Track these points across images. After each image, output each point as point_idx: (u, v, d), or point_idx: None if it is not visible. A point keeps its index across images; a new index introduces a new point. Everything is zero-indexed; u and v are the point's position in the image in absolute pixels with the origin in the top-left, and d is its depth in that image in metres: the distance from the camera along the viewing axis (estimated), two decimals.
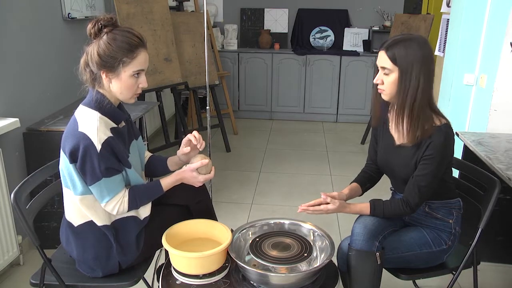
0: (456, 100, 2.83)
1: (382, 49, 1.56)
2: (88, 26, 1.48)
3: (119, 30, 1.48)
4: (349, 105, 5.36)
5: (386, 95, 1.59)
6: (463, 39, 2.73)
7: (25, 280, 2.20)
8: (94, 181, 1.47)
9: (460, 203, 1.72)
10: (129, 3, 3.43)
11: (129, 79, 1.50)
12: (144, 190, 1.59)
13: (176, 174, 1.65)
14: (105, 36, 1.47)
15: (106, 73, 1.49)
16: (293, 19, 5.55)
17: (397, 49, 1.51)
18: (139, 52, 1.49)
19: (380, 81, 1.58)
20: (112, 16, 1.49)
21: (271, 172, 3.88)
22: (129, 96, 1.55)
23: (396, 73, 1.53)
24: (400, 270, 1.69)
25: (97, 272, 1.59)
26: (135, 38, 1.49)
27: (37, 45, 2.65)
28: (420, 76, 1.50)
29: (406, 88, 1.52)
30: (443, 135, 1.53)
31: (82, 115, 1.51)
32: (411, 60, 1.50)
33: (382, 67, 1.57)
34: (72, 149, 1.45)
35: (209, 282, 1.50)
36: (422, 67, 1.50)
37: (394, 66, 1.52)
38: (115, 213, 1.54)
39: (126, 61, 1.47)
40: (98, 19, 1.47)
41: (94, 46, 1.48)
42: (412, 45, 1.50)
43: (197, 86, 4.22)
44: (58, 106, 2.85)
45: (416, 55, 1.49)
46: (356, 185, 1.82)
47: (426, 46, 1.52)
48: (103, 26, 1.47)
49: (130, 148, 1.62)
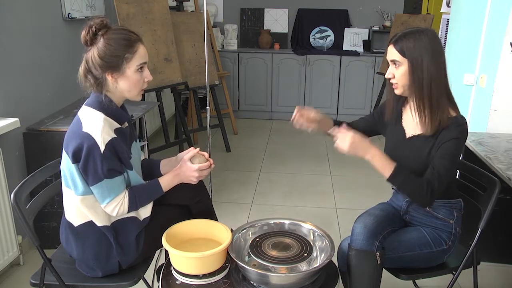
0: (456, 100, 2.82)
1: (391, 43, 1.57)
2: (82, 33, 1.48)
3: (113, 30, 1.50)
4: (349, 105, 5.36)
5: (399, 88, 1.60)
6: (463, 39, 2.73)
7: (25, 280, 2.20)
8: (96, 181, 1.48)
9: (461, 204, 1.72)
10: (129, 3, 3.43)
11: (135, 75, 1.52)
12: (143, 190, 1.60)
13: (173, 171, 1.66)
14: (102, 38, 1.48)
15: (111, 74, 1.50)
16: (293, 19, 5.55)
17: (405, 41, 1.53)
18: (138, 46, 1.52)
19: (392, 75, 1.59)
20: (102, 18, 1.50)
21: (271, 172, 3.88)
22: (137, 92, 1.57)
23: (406, 65, 1.54)
24: (400, 270, 1.69)
25: (97, 272, 1.59)
26: (130, 33, 1.52)
27: (37, 45, 2.65)
28: (431, 67, 1.51)
29: (420, 80, 1.53)
30: (460, 126, 1.53)
31: (86, 115, 1.51)
32: (420, 52, 1.51)
33: (391, 60, 1.58)
34: (76, 149, 1.46)
35: (209, 282, 1.50)
36: (433, 58, 1.51)
37: (403, 58, 1.54)
38: (114, 215, 1.54)
39: (129, 57, 1.50)
40: (90, 25, 1.48)
41: (94, 50, 1.49)
42: (420, 38, 1.52)
43: (197, 86, 4.22)
44: (58, 106, 2.85)
45: (425, 47, 1.51)
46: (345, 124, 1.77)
47: (435, 39, 1.53)
48: (97, 30, 1.48)
49: (131, 149, 1.63)
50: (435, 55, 1.52)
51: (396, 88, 1.61)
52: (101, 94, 1.52)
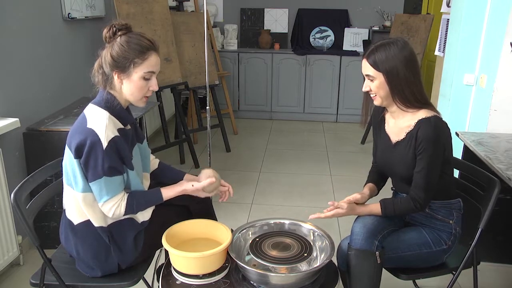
0: (456, 100, 2.83)
1: (364, 57, 1.61)
2: (104, 31, 1.54)
3: (132, 34, 1.54)
4: (349, 105, 5.36)
5: (377, 99, 1.64)
6: (463, 39, 2.73)
7: (25, 280, 2.20)
8: (95, 178, 1.48)
9: (460, 204, 1.72)
10: (129, 3, 3.43)
11: (140, 81, 1.54)
12: (143, 197, 1.60)
13: (180, 192, 1.65)
14: (119, 38, 1.52)
15: (118, 74, 1.53)
16: (293, 19, 5.56)
17: (377, 54, 1.56)
18: (150, 54, 1.54)
19: (368, 87, 1.63)
20: (127, 22, 1.56)
21: (271, 172, 3.88)
22: (139, 97, 1.59)
23: (381, 78, 1.57)
24: (400, 270, 1.69)
25: (96, 271, 1.59)
26: (146, 41, 1.55)
27: (37, 45, 2.65)
28: (408, 74, 1.55)
29: (399, 87, 1.56)
30: (432, 126, 1.55)
31: (92, 112, 1.54)
32: (394, 63, 1.54)
33: (366, 75, 1.62)
34: (79, 144, 1.47)
35: (209, 282, 1.51)
36: (407, 66, 1.54)
37: (377, 72, 1.57)
38: (110, 215, 1.55)
39: (138, 62, 1.52)
40: (113, 24, 1.54)
41: (108, 48, 1.53)
42: (391, 48, 1.55)
43: (197, 86, 4.22)
44: (58, 106, 2.85)
45: (397, 57, 1.54)
46: (372, 185, 1.83)
47: (405, 47, 1.56)
48: (117, 30, 1.53)
49: (133, 152, 1.64)
50: (409, 63, 1.55)
51: (375, 99, 1.65)
52: (107, 91, 1.55)
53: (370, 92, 1.64)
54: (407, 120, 1.63)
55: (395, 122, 1.68)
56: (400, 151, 1.64)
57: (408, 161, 1.61)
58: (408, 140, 1.61)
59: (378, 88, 1.59)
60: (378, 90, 1.60)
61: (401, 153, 1.64)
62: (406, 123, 1.63)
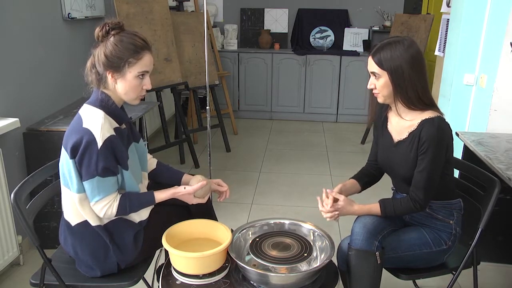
0: (456, 100, 2.83)
1: (370, 54, 1.61)
2: (96, 29, 1.53)
3: (125, 33, 1.53)
4: (349, 105, 5.36)
5: (380, 97, 1.64)
6: (463, 39, 2.73)
7: (25, 280, 2.20)
8: (88, 177, 1.48)
9: (460, 204, 1.72)
10: (129, 3, 3.43)
11: (134, 80, 1.54)
12: (136, 198, 1.60)
13: (172, 194, 1.65)
14: (112, 38, 1.51)
15: (112, 73, 1.52)
16: (293, 19, 5.55)
17: (382, 53, 1.56)
18: (144, 54, 1.54)
19: (373, 85, 1.63)
20: (119, 20, 1.54)
21: (271, 172, 3.88)
22: (134, 97, 1.59)
23: (386, 76, 1.57)
24: (400, 270, 1.69)
25: (96, 271, 1.59)
26: (140, 40, 1.54)
27: (37, 45, 2.65)
28: (412, 74, 1.54)
29: (403, 87, 1.56)
30: (435, 127, 1.55)
31: (87, 112, 1.53)
32: (399, 62, 1.53)
33: (371, 72, 1.61)
34: (75, 144, 1.47)
35: (209, 282, 1.51)
36: (413, 66, 1.54)
37: (382, 70, 1.57)
38: (102, 215, 1.54)
39: (132, 62, 1.51)
40: (106, 22, 1.52)
41: (101, 47, 1.52)
42: (397, 47, 1.54)
43: (197, 86, 4.22)
44: (58, 106, 2.85)
45: (402, 55, 1.53)
46: (353, 180, 1.83)
47: (412, 46, 1.56)
48: (110, 29, 1.51)
49: (129, 151, 1.63)
50: (414, 63, 1.54)
51: (378, 97, 1.65)
52: (101, 90, 1.55)
53: (374, 90, 1.64)
54: (410, 119, 1.63)
55: (398, 121, 1.68)
56: (402, 151, 1.64)
57: (409, 161, 1.61)
58: (410, 140, 1.61)
59: (382, 87, 1.59)
60: (382, 88, 1.60)
61: (403, 152, 1.64)
62: (409, 122, 1.63)
